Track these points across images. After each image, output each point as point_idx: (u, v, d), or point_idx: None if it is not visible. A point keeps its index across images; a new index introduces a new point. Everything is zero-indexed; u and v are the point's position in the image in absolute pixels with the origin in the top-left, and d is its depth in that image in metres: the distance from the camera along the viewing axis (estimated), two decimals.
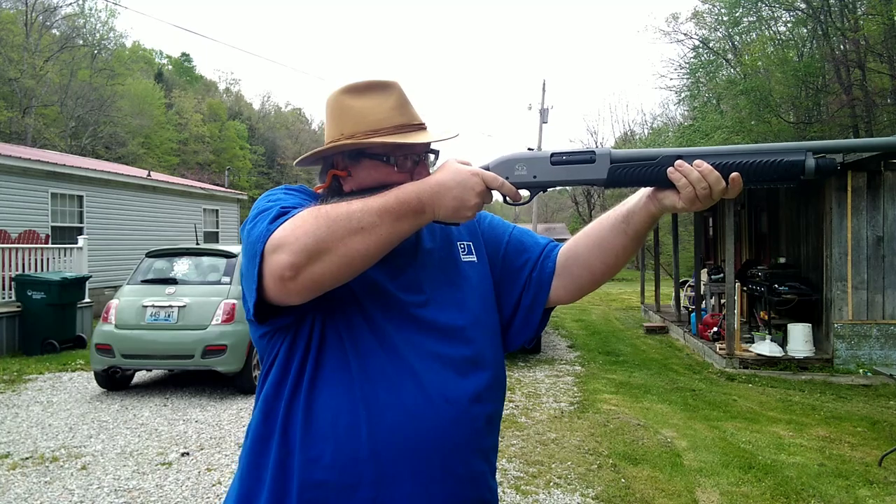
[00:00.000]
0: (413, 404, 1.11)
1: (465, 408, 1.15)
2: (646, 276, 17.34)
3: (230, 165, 44.31)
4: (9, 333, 9.07)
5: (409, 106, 1.23)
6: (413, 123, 1.22)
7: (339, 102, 1.23)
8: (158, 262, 7.38)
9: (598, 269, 1.25)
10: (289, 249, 0.99)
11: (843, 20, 17.69)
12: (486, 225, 1.38)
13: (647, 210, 1.15)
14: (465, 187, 1.07)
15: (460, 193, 1.06)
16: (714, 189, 1.05)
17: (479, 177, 1.09)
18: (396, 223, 1.03)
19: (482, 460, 1.20)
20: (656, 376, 7.84)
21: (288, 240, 0.99)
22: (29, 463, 4.58)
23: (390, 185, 1.10)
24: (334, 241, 0.99)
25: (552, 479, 4.22)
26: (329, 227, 0.99)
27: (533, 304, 1.29)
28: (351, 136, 1.19)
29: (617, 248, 1.21)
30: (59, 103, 30.40)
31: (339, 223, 1.00)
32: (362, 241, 1.01)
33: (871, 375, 7.57)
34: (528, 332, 1.32)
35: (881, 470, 4.45)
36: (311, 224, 1.00)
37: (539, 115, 28.01)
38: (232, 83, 61.97)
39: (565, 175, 1.15)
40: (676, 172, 1.07)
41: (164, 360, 6.67)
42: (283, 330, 1.17)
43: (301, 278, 1.00)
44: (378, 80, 1.23)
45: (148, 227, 14.88)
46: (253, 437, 1.18)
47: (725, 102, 22.02)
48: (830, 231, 8.18)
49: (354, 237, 1.00)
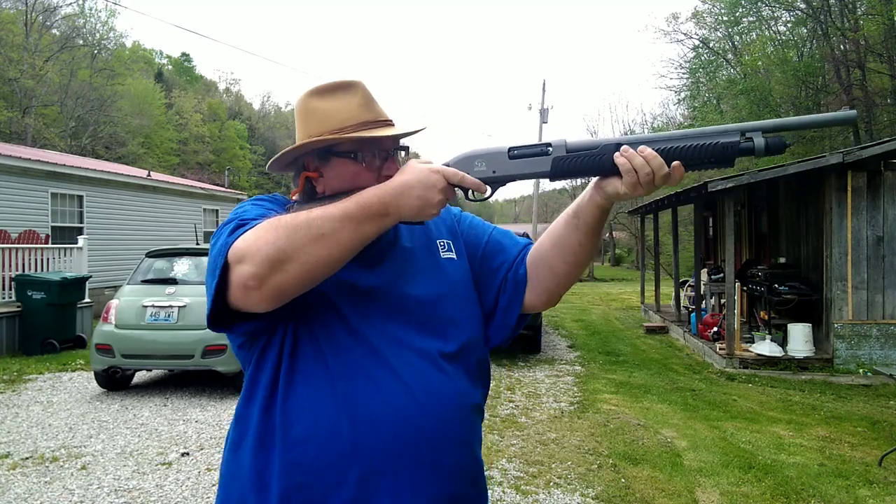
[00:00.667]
0: (394, 399, 1.12)
1: (446, 401, 1.15)
2: (646, 275, 17.34)
3: (230, 165, 44.33)
4: (9, 333, 9.06)
5: (374, 103, 1.24)
6: (379, 120, 1.22)
7: (306, 105, 1.24)
8: (158, 262, 7.38)
9: (560, 268, 1.26)
10: (251, 261, 1.00)
11: (843, 20, 17.70)
12: (466, 225, 1.38)
13: (593, 202, 1.16)
14: (427, 185, 1.07)
15: (423, 192, 1.06)
16: (657, 174, 1.07)
17: (440, 174, 1.09)
18: (359, 227, 1.03)
19: (467, 453, 1.20)
20: (656, 376, 7.85)
21: (249, 251, 1.00)
22: (29, 463, 4.58)
23: (361, 185, 1.11)
24: (295, 250, 0.99)
25: (552, 479, 4.22)
26: (289, 236, 1.00)
27: (509, 305, 1.30)
28: (318, 136, 1.20)
29: (573, 245, 1.22)
30: (59, 103, 30.40)
31: (298, 232, 1.00)
32: (324, 247, 1.01)
33: (871, 375, 7.57)
34: (504, 332, 1.32)
35: (881, 470, 4.45)
36: (272, 234, 1.00)
37: (539, 115, 28.00)
38: (232, 83, 62.11)
39: (522, 168, 1.15)
40: (622, 157, 1.08)
41: (164, 360, 6.67)
42: (257, 336, 1.17)
43: (265, 288, 1.01)
44: (342, 80, 1.24)
45: (148, 227, 14.88)
46: (231, 443, 1.19)
47: (725, 102, 22.03)
48: (830, 231, 8.18)
49: (315, 244, 1.00)
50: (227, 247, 1.03)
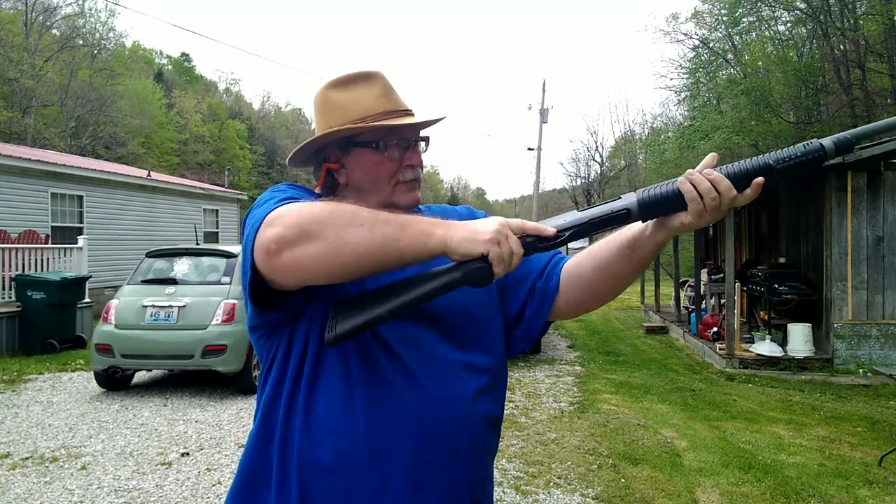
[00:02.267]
0: (413, 407, 1.11)
1: (465, 411, 1.14)
2: (646, 276, 17.31)
3: (230, 165, 44.32)
4: (9, 333, 9.07)
5: (394, 93, 1.23)
6: (400, 109, 1.22)
7: (325, 97, 1.23)
8: (158, 262, 7.38)
9: (602, 291, 1.25)
10: (281, 223, 0.97)
11: (842, 20, 17.70)
12: None
13: (654, 238, 1.13)
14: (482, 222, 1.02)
15: (474, 226, 1.01)
16: (724, 198, 1.03)
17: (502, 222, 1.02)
18: (401, 232, 0.98)
19: (481, 464, 1.19)
20: (656, 376, 7.84)
21: (286, 216, 0.98)
22: (29, 463, 4.58)
23: (383, 175, 1.17)
24: (329, 228, 0.96)
25: (552, 479, 4.22)
26: (332, 212, 0.97)
27: (536, 314, 1.28)
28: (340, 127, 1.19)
29: (622, 274, 1.20)
30: (59, 103, 30.39)
31: (343, 213, 0.97)
32: (357, 235, 0.96)
33: (871, 375, 7.57)
34: (527, 343, 1.31)
35: (881, 470, 4.45)
36: (318, 207, 0.98)
37: (539, 115, 28.01)
38: (232, 83, 62.10)
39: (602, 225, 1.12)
40: (687, 184, 1.04)
41: (164, 360, 6.67)
42: (280, 329, 1.15)
43: (285, 255, 0.96)
44: (362, 71, 1.23)
45: (148, 227, 14.88)
46: (254, 439, 1.17)
47: (725, 102, 22.03)
48: (830, 231, 8.17)
49: (350, 229, 0.96)
50: (270, 210, 1.00)
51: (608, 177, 39.02)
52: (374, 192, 1.21)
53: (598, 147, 39.50)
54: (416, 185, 1.23)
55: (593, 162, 39.54)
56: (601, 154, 39.39)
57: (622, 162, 39.73)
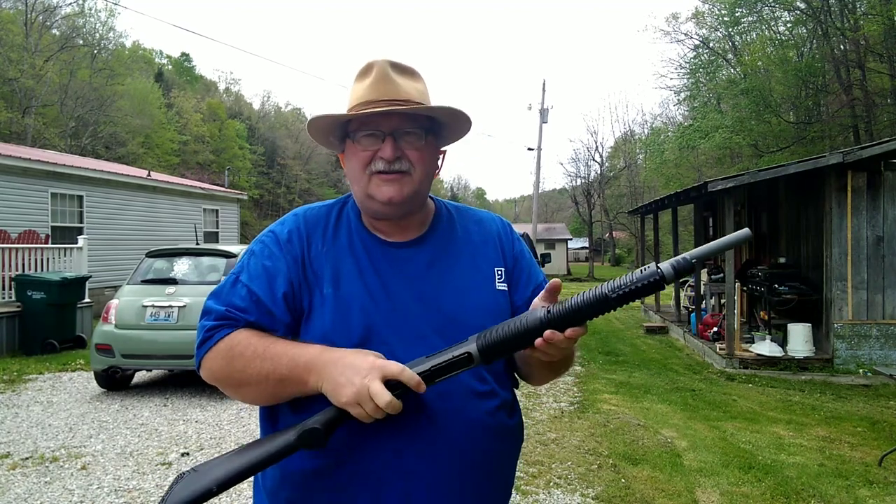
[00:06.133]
0: (428, 425, 1.12)
1: (483, 426, 1.16)
2: None
3: (230, 165, 44.31)
4: (9, 333, 9.06)
5: (384, 83, 1.17)
6: (382, 99, 1.17)
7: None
8: (158, 262, 7.37)
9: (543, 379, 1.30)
10: (205, 369, 1.20)
11: (843, 20, 17.70)
12: (513, 256, 1.33)
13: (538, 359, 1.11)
14: (355, 368, 1.03)
15: (343, 377, 1.03)
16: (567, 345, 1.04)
17: (379, 368, 1.02)
18: (280, 388, 1.12)
19: (503, 479, 1.23)
20: (656, 376, 7.84)
21: (205, 366, 1.19)
22: (29, 463, 4.58)
23: (356, 167, 1.20)
24: (231, 388, 1.19)
25: (552, 479, 4.22)
26: (229, 373, 1.15)
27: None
28: None
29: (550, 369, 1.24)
30: (59, 103, 30.39)
31: (246, 371, 1.12)
32: (252, 391, 1.16)
33: (871, 375, 7.57)
34: None
35: (881, 470, 4.45)
36: (226, 368, 1.15)
37: (539, 115, 28.01)
38: (232, 83, 62.14)
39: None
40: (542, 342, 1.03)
41: (164, 360, 6.66)
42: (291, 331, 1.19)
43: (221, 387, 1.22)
44: (372, 60, 1.23)
45: (148, 227, 14.88)
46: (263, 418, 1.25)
47: (725, 102, 22.04)
48: (830, 231, 8.18)
49: (245, 388, 1.16)
50: (202, 354, 1.19)
51: (608, 177, 39.03)
52: (357, 182, 1.22)
53: (598, 147, 39.55)
54: (392, 178, 1.18)
55: (593, 162, 39.60)
56: (601, 154, 39.43)
57: (622, 162, 39.75)
